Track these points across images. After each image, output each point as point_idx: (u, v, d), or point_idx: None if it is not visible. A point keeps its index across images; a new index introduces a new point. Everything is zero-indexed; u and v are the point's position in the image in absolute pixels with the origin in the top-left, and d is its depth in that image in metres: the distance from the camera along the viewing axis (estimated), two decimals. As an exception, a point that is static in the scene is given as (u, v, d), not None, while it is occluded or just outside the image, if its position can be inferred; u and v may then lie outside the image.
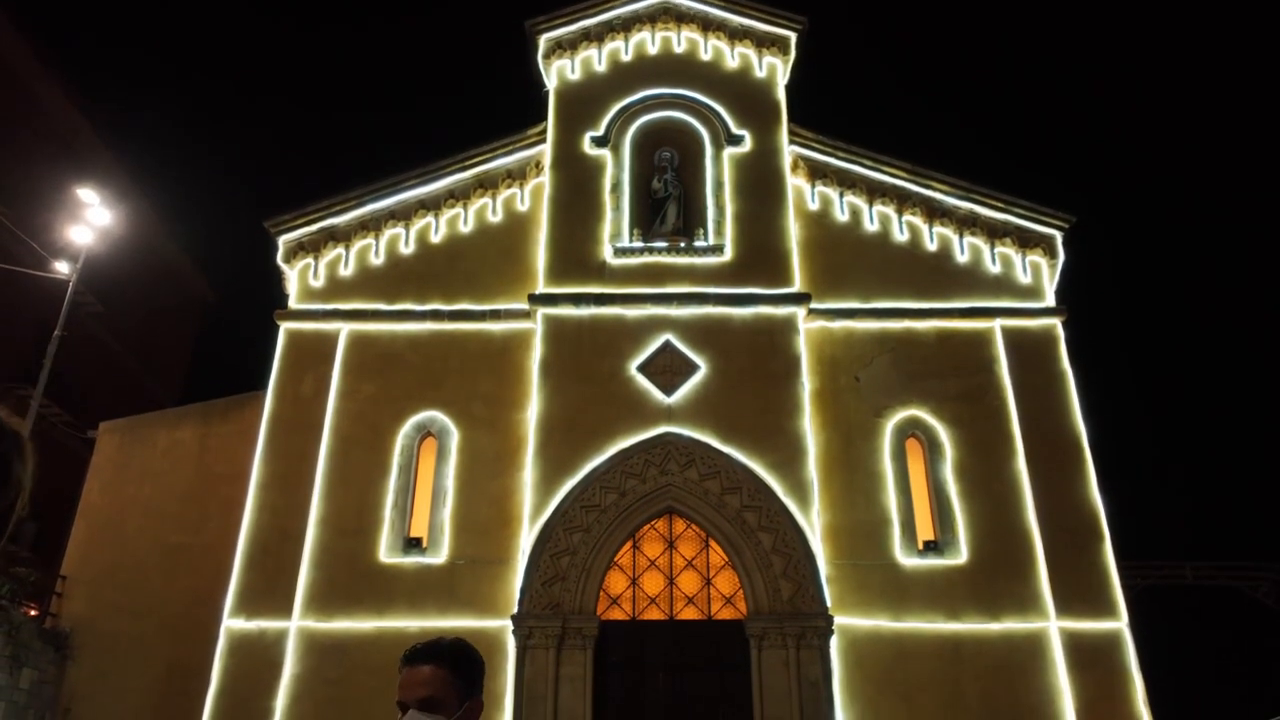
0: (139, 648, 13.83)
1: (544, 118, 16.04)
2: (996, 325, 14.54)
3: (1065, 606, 12.63)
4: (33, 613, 14.27)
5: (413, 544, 13.35)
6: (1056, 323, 14.61)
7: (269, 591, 12.82)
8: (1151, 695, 12.23)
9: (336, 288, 15.06)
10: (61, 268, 16.73)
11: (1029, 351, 14.36)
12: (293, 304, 15.01)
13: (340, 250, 15.29)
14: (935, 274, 14.99)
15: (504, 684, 12.23)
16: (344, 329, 14.64)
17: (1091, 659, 12.34)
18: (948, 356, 14.31)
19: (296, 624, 12.66)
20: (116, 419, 16.14)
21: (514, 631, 12.37)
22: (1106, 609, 12.65)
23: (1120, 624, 12.58)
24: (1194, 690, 18.33)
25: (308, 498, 13.42)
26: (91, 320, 20.99)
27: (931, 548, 13.22)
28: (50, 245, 17.51)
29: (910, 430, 13.98)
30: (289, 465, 13.67)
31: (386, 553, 13.16)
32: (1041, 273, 15.07)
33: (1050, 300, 14.87)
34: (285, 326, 14.74)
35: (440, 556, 13.15)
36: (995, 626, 12.57)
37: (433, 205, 15.53)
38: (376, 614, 12.69)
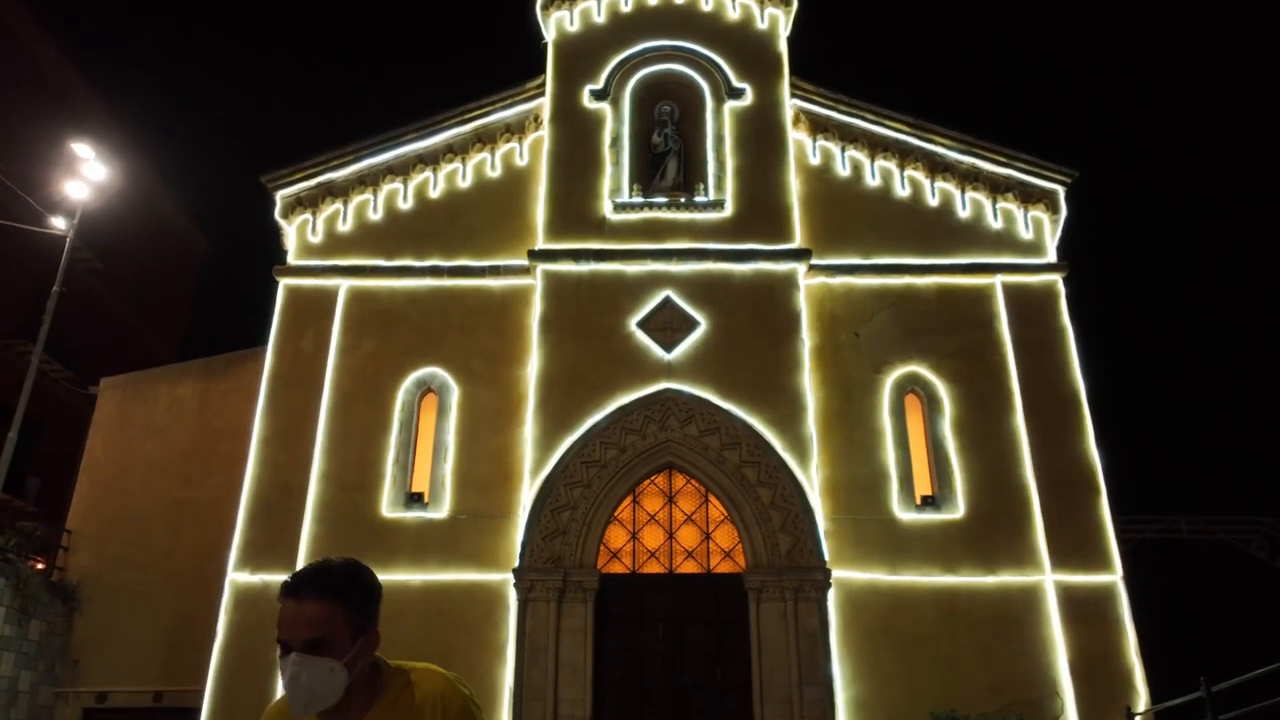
0: (145, 600, 14.02)
1: (543, 71, 15.85)
2: (997, 281, 14.50)
3: (1060, 560, 12.77)
4: (39, 566, 14.43)
5: (414, 499, 13.46)
6: (1057, 279, 14.58)
7: (272, 546, 12.95)
8: (1144, 646, 12.41)
9: (335, 244, 15.01)
10: (59, 223, 16.64)
11: (1029, 307, 14.35)
12: (291, 260, 14.96)
13: (338, 206, 15.21)
14: (936, 229, 14.92)
15: (506, 636, 12.41)
16: (343, 285, 14.61)
17: (1085, 611, 12.50)
18: (948, 312, 14.30)
19: (300, 577, 12.78)
20: (117, 375, 16.19)
21: (515, 585, 12.52)
22: (1101, 562, 12.79)
23: (1115, 577, 12.73)
24: (1187, 642, 18.60)
25: (309, 453, 13.49)
26: (90, 276, 20.94)
27: (929, 502, 13.33)
28: (47, 201, 17.41)
29: (909, 386, 14.02)
30: (290, 421, 13.73)
31: (389, 508, 13.27)
32: (1043, 228, 15.00)
33: (1051, 256, 14.82)
34: (284, 283, 14.71)
35: (442, 511, 13.27)
36: (991, 579, 12.72)
37: (431, 160, 15.41)
38: (379, 567, 12.59)
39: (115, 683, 13.67)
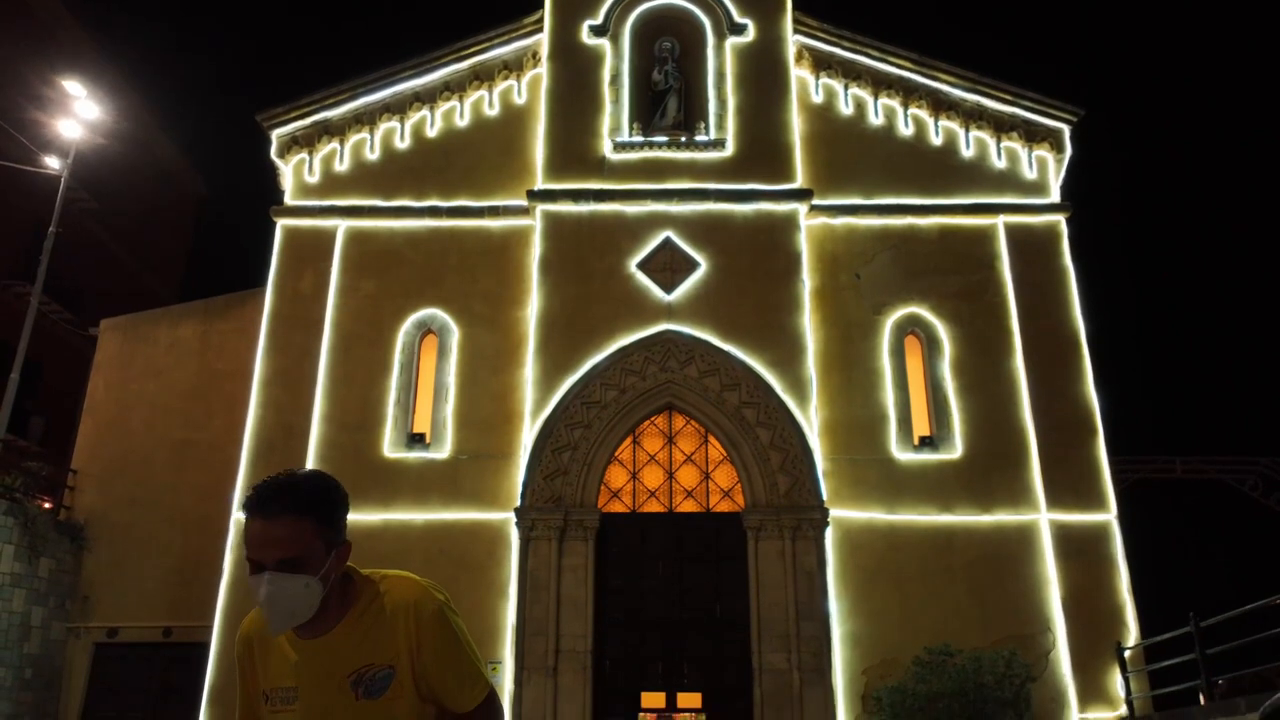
0: (152, 539, 14.21)
1: (541, 6, 15.52)
2: (999, 222, 14.41)
3: (1056, 499, 12.91)
4: (47, 505, 14.60)
5: (416, 439, 13.56)
6: (1060, 219, 14.48)
7: (276, 485, 13.05)
8: (1137, 584, 12.62)
9: (332, 184, 14.88)
10: (53, 163, 16.48)
11: (1031, 248, 14.28)
12: (288, 200, 14.84)
13: (335, 145, 15.04)
14: (940, 169, 14.77)
15: (508, 573, 12.62)
16: (341, 225, 14.53)
17: (1079, 549, 12.68)
18: (949, 253, 14.23)
19: (304, 516, 12.94)
20: (117, 317, 16.17)
21: (517, 524, 12.68)
22: (1096, 502, 12.93)
23: (1109, 516, 12.88)
24: (1180, 579, 18.90)
25: (311, 394, 13.56)
26: (86, 217, 20.79)
27: (927, 443, 13.43)
28: (40, 140, 17.22)
29: (909, 327, 14.02)
30: (291, 362, 13.77)
31: (390, 448, 13.38)
32: (1047, 168, 14.85)
33: (1055, 197, 14.69)
34: (282, 223, 14.62)
35: (443, 452, 13.37)
36: (987, 518, 12.88)
37: (428, 98, 15.18)
38: (382, 507, 12.99)
39: (125, 619, 13.92)
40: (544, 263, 13.90)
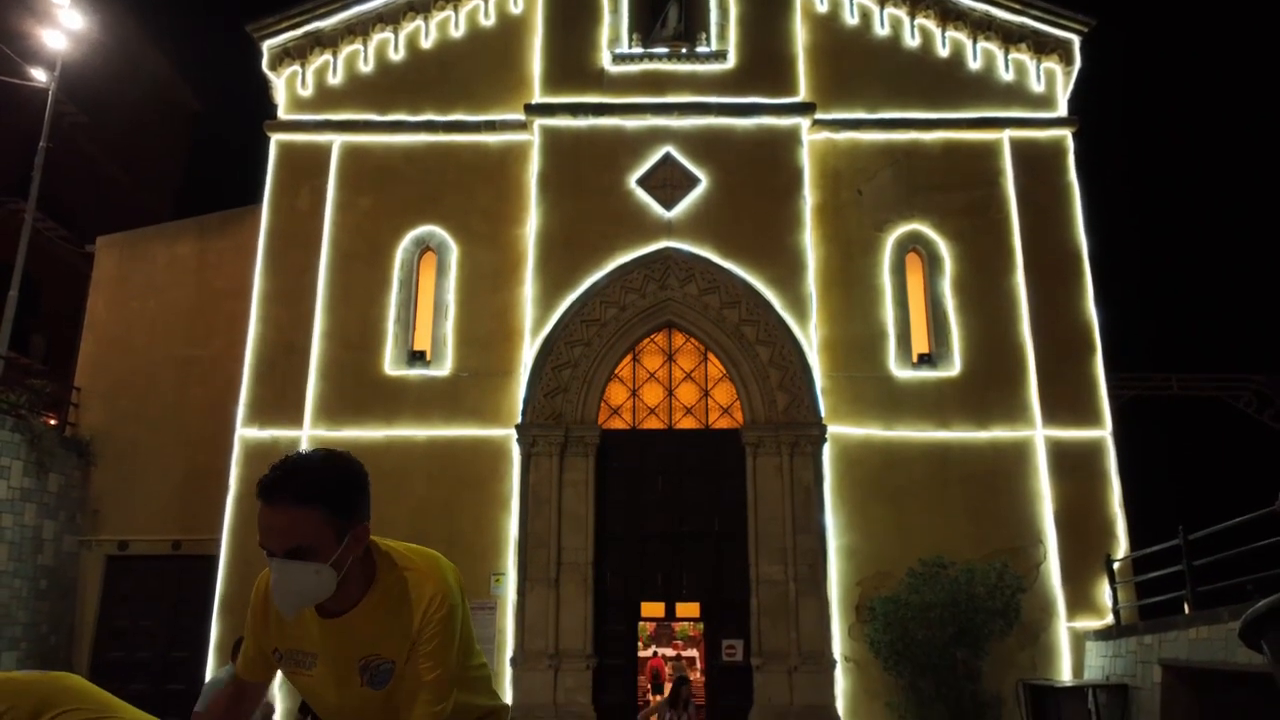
0: (158, 455, 14.38)
1: (537, -91, 14.97)
2: (1005, 136, 14.18)
3: (1052, 416, 13.03)
4: (52, 422, 14.74)
5: (416, 357, 13.62)
6: (1067, 134, 14.25)
7: (279, 403, 13.20)
8: (1130, 499, 12.83)
9: (326, 97, 14.59)
10: (39, 76, 16.15)
11: (1037, 163, 14.09)
12: (282, 115, 14.59)
13: (328, 57, 14.70)
14: (946, 82, 14.47)
15: (510, 488, 12.82)
16: (336, 140, 14.31)
17: (1073, 465, 12.85)
18: (953, 169, 14.05)
19: (308, 432, 13.11)
20: (114, 234, 16.05)
21: (518, 440, 12.83)
22: (1092, 418, 13.05)
23: (1104, 432, 13.02)
24: (1173, 495, 19.18)
25: (310, 312, 13.56)
26: (77, 132, 20.44)
27: (925, 360, 13.49)
28: (26, 52, 16.82)
29: (911, 244, 13.93)
30: (289, 280, 13.73)
31: (391, 365, 13.44)
32: (1055, 81, 14.55)
33: (1063, 110, 14.43)
34: (276, 138, 14.40)
35: (444, 369, 13.44)
36: (983, 435, 13.01)
37: (422, 7, 14.78)
38: (385, 423, 13.12)
39: (135, 532, 14.19)
40: (542, 179, 13.74)
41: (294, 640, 2.30)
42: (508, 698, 11.86)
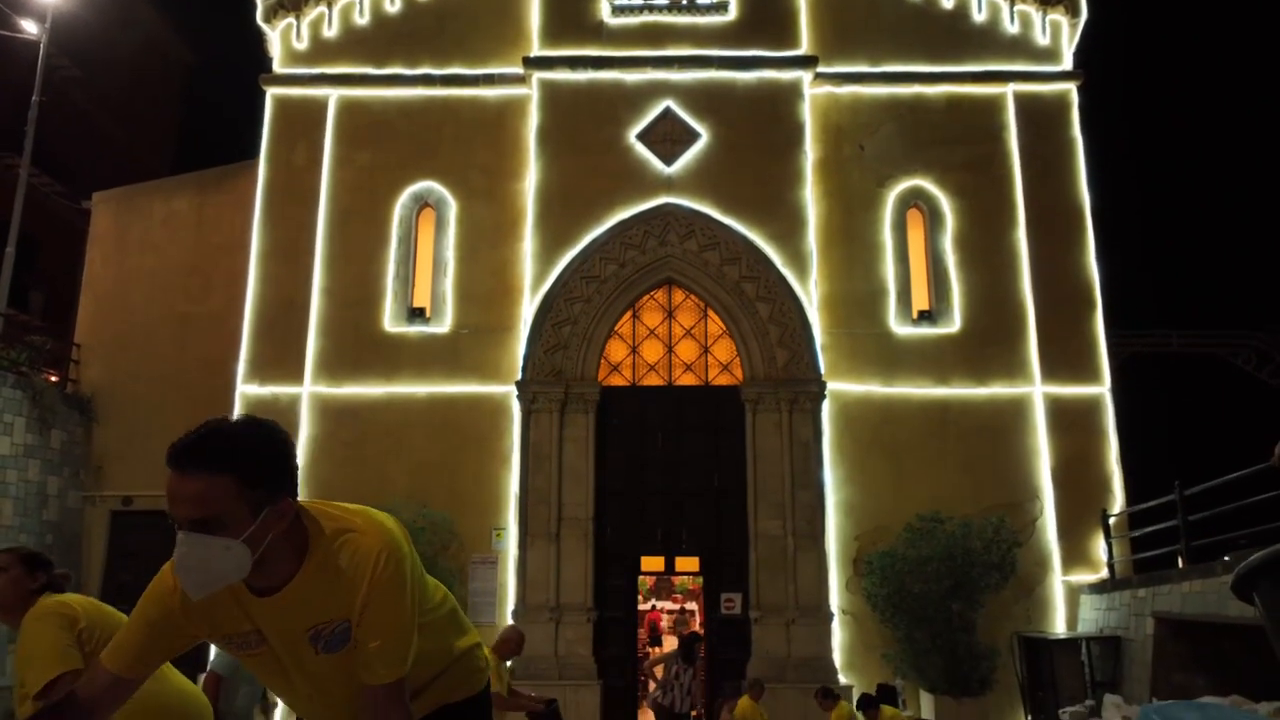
0: (159, 411, 14.37)
1: None
2: (1009, 90, 14.01)
3: (1051, 372, 13.05)
4: (53, 379, 14.76)
5: (416, 313, 13.61)
6: (1072, 88, 14.08)
7: (279, 359, 13.22)
8: (1129, 455, 12.91)
9: (322, 50, 14.40)
10: (30, 27, 15.92)
11: (1041, 118, 13.94)
12: (277, 69, 14.41)
13: (323, 8, 14.47)
14: (950, 35, 14.26)
15: (511, 444, 12.89)
16: (333, 94, 14.15)
17: (1072, 421, 12.90)
18: (956, 124, 13.91)
19: (309, 389, 13.15)
20: (110, 190, 15.93)
21: (519, 397, 12.87)
22: (1091, 375, 13.08)
23: (1103, 389, 13.05)
24: (1170, 451, 19.28)
25: (309, 268, 13.52)
26: (71, 86, 20.20)
27: (925, 317, 13.48)
28: (15, 2, 16.56)
29: (912, 200, 13.85)
30: (288, 236, 13.67)
31: (391, 322, 13.43)
32: (1061, 33, 14.34)
33: (1068, 64, 14.24)
34: (272, 93, 14.24)
35: (444, 326, 13.44)
36: (982, 391, 13.05)
37: (418, -42, 14.51)
38: (385, 380, 13.15)
39: (138, 488, 14.25)
40: (541, 134, 13.61)
41: (227, 625, 2.09)
42: (509, 650, 12.03)
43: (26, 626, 3.03)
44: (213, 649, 6.55)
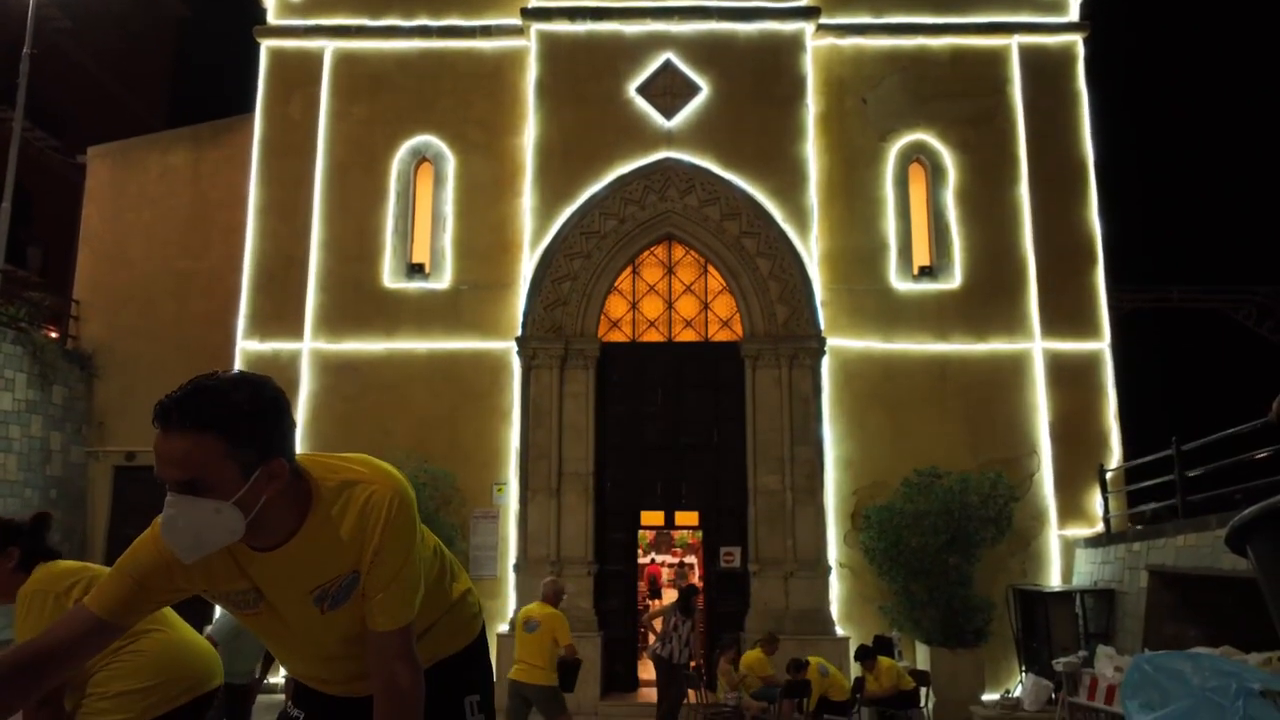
0: (160, 367, 14.38)
1: None
2: (1014, 42, 13.82)
3: (1051, 328, 13.04)
4: (53, 335, 14.76)
5: (415, 269, 13.56)
6: (1077, 39, 13.88)
7: (279, 315, 13.21)
8: (1128, 411, 12.95)
9: (316, 1, 14.17)
10: (20, -22, 15.63)
11: (1045, 71, 13.77)
12: (271, 20, 14.19)
13: (317, -42, 14.21)
14: (954, -15, 14.02)
15: (511, 400, 12.94)
16: (328, 47, 13.96)
17: (1071, 377, 12.93)
18: (960, 77, 13.74)
19: (309, 345, 13.16)
20: (105, 144, 15.78)
21: (518, 353, 12.88)
22: (1091, 331, 13.07)
23: (1103, 345, 13.05)
24: (1170, 406, 19.34)
25: (308, 223, 13.45)
26: (62, 38, 19.92)
27: (926, 273, 13.43)
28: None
29: (914, 155, 13.73)
30: (286, 191, 13.58)
31: (390, 278, 13.40)
32: (1068, -17, 14.10)
33: (1074, 15, 14.03)
34: (266, 45, 14.04)
35: (443, 282, 13.40)
36: (982, 347, 13.05)
37: (413, -95, 14.22)
38: (385, 336, 13.15)
39: (141, 443, 14.27)
40: (540, 87, 13.45)
41: (223, 582, 2.04)
42: (510, 603, 12.21)
43: (20, 602, 2.97)
44: (217, 610, 6.66)
